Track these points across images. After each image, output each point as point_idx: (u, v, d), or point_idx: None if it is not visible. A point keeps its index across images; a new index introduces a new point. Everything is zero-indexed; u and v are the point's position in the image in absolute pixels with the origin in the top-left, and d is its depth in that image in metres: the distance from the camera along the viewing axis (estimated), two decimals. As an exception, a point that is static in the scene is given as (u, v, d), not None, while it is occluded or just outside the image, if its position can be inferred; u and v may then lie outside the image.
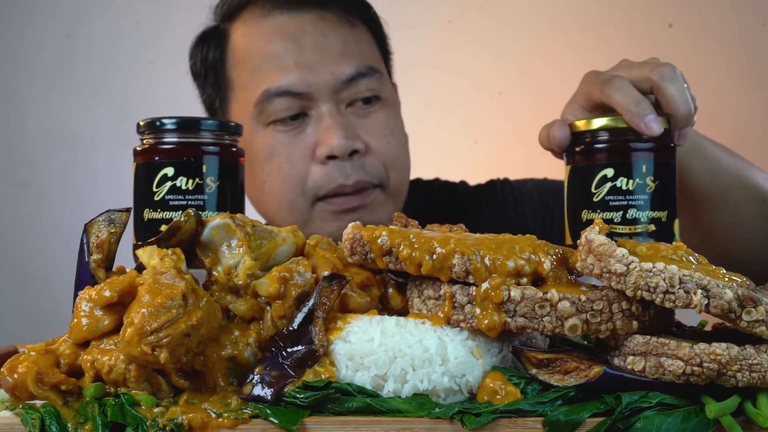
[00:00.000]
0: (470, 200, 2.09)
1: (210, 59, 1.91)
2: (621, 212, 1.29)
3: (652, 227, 1.30)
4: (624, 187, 1.30)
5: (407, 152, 1.91)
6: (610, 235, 1.29)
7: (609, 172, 1.30)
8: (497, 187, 2.09)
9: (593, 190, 1.31)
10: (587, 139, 1.32)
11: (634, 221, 1.30)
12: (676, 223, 1.32)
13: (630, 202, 1.29)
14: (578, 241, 1.06)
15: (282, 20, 1.84)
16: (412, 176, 2.14)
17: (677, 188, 1.33)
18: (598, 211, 1.30)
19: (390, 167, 1.83)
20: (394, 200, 1.86)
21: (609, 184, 1.30)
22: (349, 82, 1.80)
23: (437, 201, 2.10)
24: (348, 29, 1.86)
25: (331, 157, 1.77)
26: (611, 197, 1.30)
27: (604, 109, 1.37)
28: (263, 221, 1.93)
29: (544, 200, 2.01)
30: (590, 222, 1.30)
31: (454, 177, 2.21)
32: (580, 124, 1.33)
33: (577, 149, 1.33)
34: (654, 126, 1.29)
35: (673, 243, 1.07)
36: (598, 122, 1.32)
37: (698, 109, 1.42)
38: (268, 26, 1.84)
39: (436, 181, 2.16)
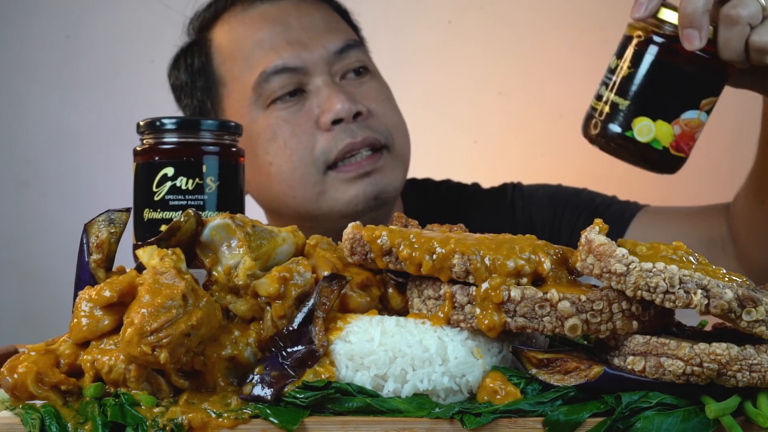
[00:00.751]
0: (478, 202, 2.09)
1: (196, 66, 1.94)
2: (603, 87, 1.34)
3: (607, 109, 1.32)
4: (612, 66, 1.34)
5: (404, 120, 1.93)
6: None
7: (615, 55, 1.34)
8: (508, 191, 2.09)
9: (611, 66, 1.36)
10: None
11: (599, 98, 1.34)
12: (641, 121, 1.30)
13: (605, 80, 1.34)
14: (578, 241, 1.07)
15: (264, 8, 1.89)
16: (422, 176, 2.14)
17: (659, 87, 1.30)
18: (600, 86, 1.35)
19: (393, 129, 1.86)
20: (402, 164, 1.89)
21: (609, 63, 1.33)
22: (341, 54, 1.85)
23: (445, 201, 2.11)
24: (328, 10, 1.93)
25: (336, 122, 1.79)
26: (606, 76, 1.35)
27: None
28: (264, 220, 1.94)
29: (553, 206, 2.02)
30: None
31: (453, 177, 2.21)
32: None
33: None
34: (693, 41, 1.26)
35: (674, 243, 1.07)
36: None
37: (759, 45, 1.30)
38: (251, 17, 1.88)
39: (446, 182, 2.16)
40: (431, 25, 3.15)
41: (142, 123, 1.27)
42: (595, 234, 1.04)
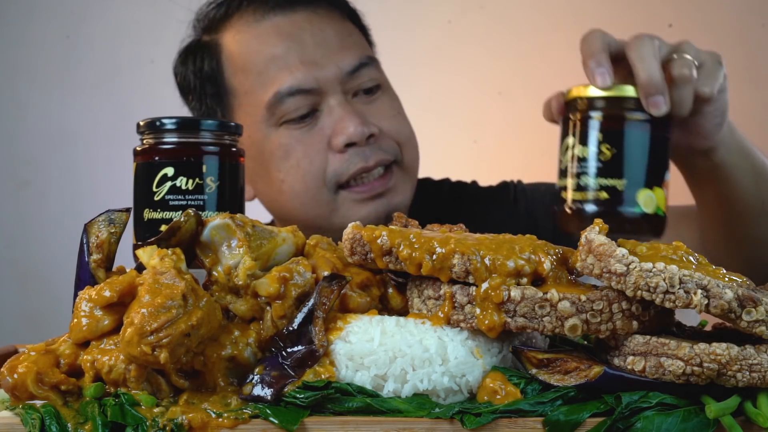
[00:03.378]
0: (480, 200, 2.09)
1: (206, 71, 1.92)
2: (576, 179, 1.34)
3: (604, 194, 1.32)
4: (579, 155, 1.34)
5: (413, 130, 1.94)
6: (563, 201, 1.36)
7: (569, 140, 1.36)
8: (509, 189, 2.10)
9: (560, 158, 1.38)
10: (568, 106, 1.38)
11: (585, 188, 1.34)
12: (644, 193, 1.33)
13: (582, 169, 1.34)
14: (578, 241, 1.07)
15: (277, 21, 1.86)
16: (421, 175, 2.14)
17: (646, 157, 1.33)
18: (561, 178, 1.38)
19: (403, 144, 1.87)
20: (411, 178, 1.89)
21: (569, 152, 1.35)
22: (353, 73, 1.83)
23: (447, 200, 2.11)
24: (340, 23, 1.89)
25: (349, 145, 1.79)
26: (569, 165, 1.36)
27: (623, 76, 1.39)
28: (275, 222, 1.94)
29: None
30: (560, 189, 1.37)
31: (453, 177, 2.21)
32: (566, 93, 1.39)
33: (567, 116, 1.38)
34: (599, 78, 1.33)
35: (674, 243, 1.07)
36: (574, 90, 1.37)
37: (708, 98, 1.40)
38: (264, 29, 1.85)
39: (446, 180, 2.17)
40: (431, 25, 3.16)
41: (142, 123, 1.27)
42: (595, 234, 1.04)
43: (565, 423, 0.96)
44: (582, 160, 1.34)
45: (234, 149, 1.29)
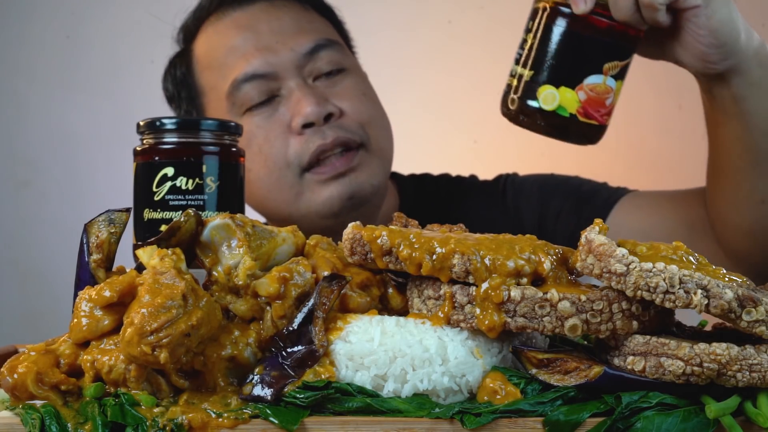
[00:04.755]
0: (473, 194, 2.08)
1: (179, 76, 1.96)
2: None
3: (514, 82, 1.35)
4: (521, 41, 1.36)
5: (384, 114, 1.93)
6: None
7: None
8: (500, 181, 2.08)
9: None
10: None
11: (511, 72, 1.37)
12: (546, 89, 1.32)
13: (517, 55, 1.36)
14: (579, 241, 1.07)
15: (235, 16, 1.90)
16: (419, 171, 2.14)
17: (559, 54, 1.31)
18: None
19: (368, 125, 1.85)
20: (381, 160, 1.87)
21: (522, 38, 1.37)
22: (311, 55, 1.85)
23: (442, 196, 2.10)
24: (299, 10, 1.92)
25: (307, 126, 1.79)
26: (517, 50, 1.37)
27: None
28: (262, 219, 1.94)
29: (541, 194, 2.00)
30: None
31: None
32: None
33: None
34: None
35: (674, 243, 1.07)
36: None
37: (690, 6, 1.31)
38: (224, 24, 1.90)
39: (444, 176, 2.16)
40: (431, 25, 3.15)
41: (142, 123, 1.27)
42: (595, 234, 1.04)
43: (565, 423, 0.96)
44: (520, 46, 1.36)
45: (234, 149, 1.29)
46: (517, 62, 1.36)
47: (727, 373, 0.96)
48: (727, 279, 1.00)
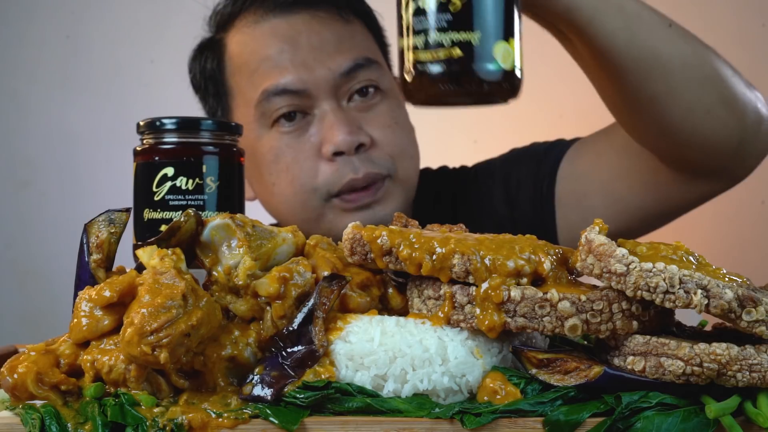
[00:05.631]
0: (467, 181, 2.07)
1: (209, 70, 1.93)
2: (423, 36, 1.14)
3: (457, 51, 1.13)
4: (424, 7, 1.13)
5: (414, 141, 1.91)
6: (417, 64, 1.16)
7: None
8: (492, 164, 2.07)
9: (402, 13, 1.17)
10: None
11: (433, 44, 1.14)
12: (501, 45, 1.16)
13: (438, 22, 1.13)
14: (578, 241, 1.06)
15: (275, 23, 1.85)
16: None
17: (502, 4, 1.16)
18: (408, 36, 1.16)
19: (397, 157, 1.84)
20: (404, 189, 1.86)
21: (411, 5, 1.15)
22: (347, 75, 1.81)
23: (445, 189, 2.09)
24: (341, 25, 1.87)
25: (337, 154, 1.78)
26: (420, 18, 1.15)
27: None
28: (273, 221, 1.94)
29: (503, 168, 1.99)
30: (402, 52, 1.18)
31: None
32: None
33: None
34: None
35: (674, 243, 1.07)
36: None
37: None
38: (262, 31, 1.85)
39: (443, 168, 2.15)
40: (431, 25, 3.15)
41: (142, 123, 1.27)
42: (595, 234, 1.04)
43: (565, 423, 0.96)
44: (426, 13, 1.14)
45: (234, 149, 1.29)
46: (441, 30, 1.14)
47: (727, 373, 0.96)
48: (727, 279, 1.00)
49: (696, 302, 0.97)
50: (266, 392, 1.01)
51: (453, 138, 3.16)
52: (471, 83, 1.16)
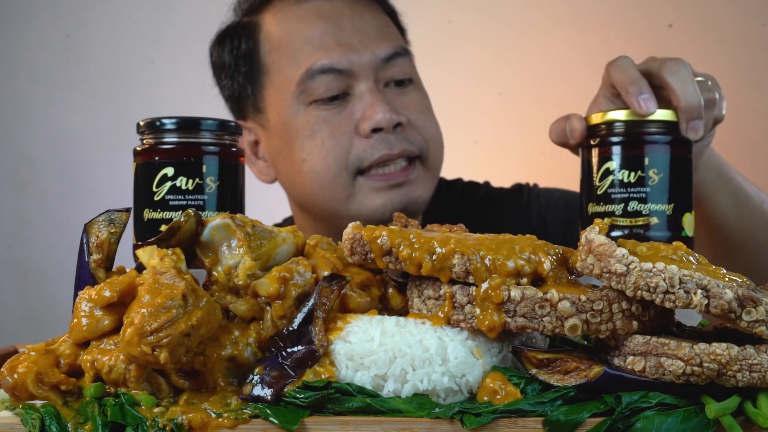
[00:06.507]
0: (494, 202, 2.10)
1: (243, 49, 1.93)
2: (622, 205, 1.30)
3: (655, 220, 1.30)
4: (626, 180, 1.30)
5: (441, 131, 1.94)
6: (613, 228, 1.30)
7: (610, 165, 1.31)
8: (524, 192, 2.10)
9: (597, 183, 1.32)
10: (600, 131, 1.33)
11: (636, 213, 1.30)
12: (687, 217, 1.31)
13: (631, 195, 1.30)
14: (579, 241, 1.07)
15: (318, 4, 1.89)
16: None
17: (692, 184, 1.33)
18: (601, 203, 1.31)
19: (430, 142, 1.87)
20: (433, 178, 1.90)
21: (611, 177, 1.30)
22: (388, 61, 1.85)
23: (460, 200, 2.11)
24: (380, 14, 1.93)
25: (375, 131, 1.80)
26: (612, 190, 1.31)
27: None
28: (277, 220, 1.93)
29: (568, 212, 2.03)
30: (596, 215, 1.32)
31: (454, 177, 2.21)
32: (595, 117, 1.34)
33: (592, 142, 1.34)
34: (649, 104, 1.32)
35: (674, 243, 1.07)
36: (612, 114, 1.33)
37: (721, 121, 1.43)
38: (305, 10, 1.89)
39: (459, 180, 2.17)
40: (431, 25, 3.15)
41: (142, 123, 1.27)
42: (595, 234, 1.04)
43: (565, 423, 0.96)
44: (627, 185, 1.30)
45: (234, 149, 1.29)
46: (639, 201, 1.30)
47: (727, 373, 0.96)
48: (727, 279, 1.00)
49: (696, 302, 0.97)
50: (266, 392, 1.01)
51: (453, 138, 3.16)
52: None
